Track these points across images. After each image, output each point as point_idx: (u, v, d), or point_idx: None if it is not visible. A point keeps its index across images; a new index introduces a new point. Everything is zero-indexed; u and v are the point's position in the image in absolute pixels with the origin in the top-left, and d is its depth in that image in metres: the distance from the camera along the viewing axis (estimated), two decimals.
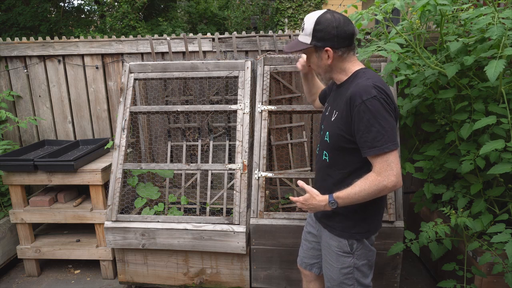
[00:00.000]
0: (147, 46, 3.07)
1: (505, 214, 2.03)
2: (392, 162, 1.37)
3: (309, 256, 1.87)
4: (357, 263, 1.60)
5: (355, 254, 1.59)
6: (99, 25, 8.64)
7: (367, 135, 1.38)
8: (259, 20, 9.25)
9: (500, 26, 1.70)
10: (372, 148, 1.38)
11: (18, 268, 3.02)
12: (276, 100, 3.04)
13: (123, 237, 2.45)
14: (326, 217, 1.64)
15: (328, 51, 1.48)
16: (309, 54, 1.58)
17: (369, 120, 1.37)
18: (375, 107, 1.37)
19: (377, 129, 1.36)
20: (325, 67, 1.54)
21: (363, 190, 1.40)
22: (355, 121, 1.41)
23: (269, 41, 2.97)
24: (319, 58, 1.53)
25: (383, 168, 1.37)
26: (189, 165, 2.54)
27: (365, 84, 1.41)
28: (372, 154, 1.39)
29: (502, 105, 1.92)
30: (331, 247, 1.63)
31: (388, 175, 1.37)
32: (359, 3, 2.53)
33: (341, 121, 1.48)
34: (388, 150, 1.36)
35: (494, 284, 2.09)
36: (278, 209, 2.99)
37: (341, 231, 1.60)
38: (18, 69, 3.25)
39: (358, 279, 1.62)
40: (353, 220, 1.57)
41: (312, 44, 1.49)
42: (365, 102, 1.37)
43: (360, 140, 1.42)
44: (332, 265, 1.64)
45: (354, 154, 1.49)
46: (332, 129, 1.54)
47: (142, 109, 2.69)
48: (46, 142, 3.14)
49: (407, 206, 3.12)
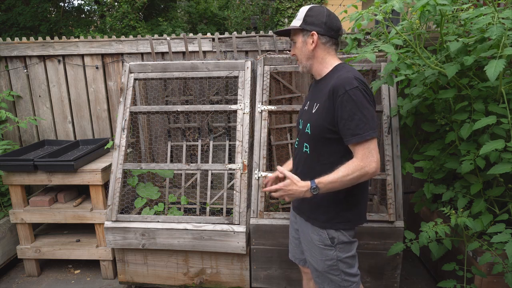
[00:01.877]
0: (147, 46, 3.07)
1: (505, 214, 2.03)
2: (373, 149, 1.45)
3: (299, 252, 1.90)
4: (340, 256, 1.62)
5: (337, 247, 1.62)
6: (99, 25, 8.64)
7: (350, 123, 1.45)
8: (259, 20, 9.25)
9: (500, 26, 1.70)
10: (354, 135, 1.44)
11: (18, 268, 3.02)
12: (276, 100, 3.04)
13: (123, 237, 2.45)
14: (309, 209, 1.66)
15: (314, 35, 1.56)
16: (296, 38, 1.63)
17: (351, 109, 1.44)
18: (357, 96, 1.44)
19: (359, 117, 1.44)
20: (308, 52, 1.60)
21: (345, 175, 1.44)
22: (338, 110, 1.47)
23: (269, 41, 2.97)
24: (304, 43, 1.60)
25: (365, 155, 1.44)
26: (189, 165, 2.54)
27: (347, 76, 1.49)
28: (355, 141, 1.45)
29: (502, 105, 1.92)
30: (314, 241, 1.65)
31: (370, 161, 1.44)
32: (359, 3, 2.53)
33: (323, 112, 1.53)
34: (369, 137, 1.44)
35: (494, 284, 2.09)
36: (278, 209, 2.99)
37: (323, 222, 1.61)
38: (18, 69, 3.25)
39: (343, 270, 1.64)
40: (336, 211, 1.60)
41: (301, 27, 1.57)
42: (348, 92, 1.44)
43: (343, 128, 1.47)
44: (316, 257, 1.66)
45: (335, 144, 1.54)
46: (313, 120, 1.58)
47: (142, 109, 2.69)
48: (46, 142, 3.14)
49: (407, 206, 3.12)
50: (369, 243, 2.24)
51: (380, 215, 2.24)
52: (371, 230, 2.22)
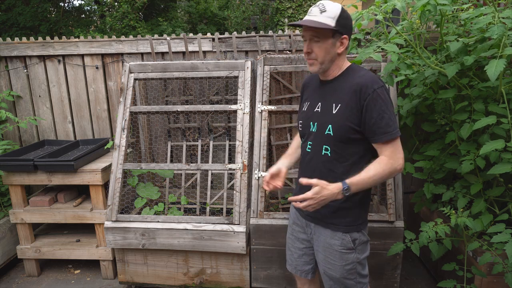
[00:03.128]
0: (147, 46, 3.07)
1: (505, 214, 2.03)
2: (400, 146, 1.50)
3: (302, 263, 1.82)
4: (359, 257, 1.63)
5: (357, 249, 1.62)
6: (99, 25, 8.64)
7: (380, 121, 1.46)
8: (259, 20, 9.25)
9: (500, 25, 1.70)
10: (385, 133, 1.46)
11: (18, 268, 3.02)
12: (276, 100, 3.04)
13: (123, 237, 2.45)
14: (329, 215, 1.61)
15: (346, 39, 1.53)
16: (323, 37, 1.49)
17: (381, 107, 1.45)
18: (385, 95, 1.47)
19: (388, 115, 1.46)
20: (334, 55, 1.54)
21: (377, 174, 1.45)
22: (367, 110, 1.47)
23: (269, 41, 2.97)
24: (332, 45, 1.51)
25: (393, 152, 1.47)
26: (189, 165, 2.54)
27: (371, 76, 1.51)
28: (385, 139, 1.46)
29: (502, 105, 1.92)
30: (333, 247, 1.62)
31: (398, 158, 1.48)
32: (359, 3, 2.52)
33: (348, 112, 1.51)
34: (398, 135, 1.48)
35: (494, 284, 2.09)
36: (278, 209, 2.99)
37: (347, 226, 1.60)
38: (18, 69, 3.25)
39: (359, 272, 1.64)
40: (355, 212, 1.60)
41: (336, 28, 1.47)
42: (376, 90, 1.46)
43: (372, 128, 1.47)
44: (335, 264, 1.64)
45: (357, 144, 1.54)
46: (336, 122, 1.53)
47: (142, 109, 2.69)
48: (46, 142, 3.14)
49: (407, 206, 3.12)
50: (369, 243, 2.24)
51: (380, 215, 2.24)
52: (371, 230, 2.22)
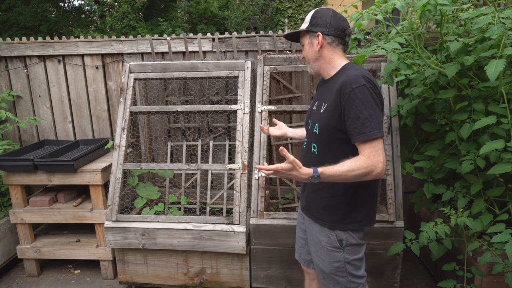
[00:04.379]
0: (147, 46, 3.07)
1: (505, 214, 2.03)
2: (380, 149, 1.43)
3: (304, 253, 1.90)
4: (348, 258, 1.62)
5: (345, 249, 1.61)
6: (99, 25, 8.64)
7: (356, 121, 1.44)
8: (259, 20, 9.25)
9: (500, 25, 1.70)
10: (360, 134, 1.43)
11: (18, 268, 3.02)
12: (276, 100, 3.04)
13: (123, 237, 2.45)
14: (318, 210, 1.65)
15: (319, 35, 1.58)
16: (303, 41, 1.67)
17: (357, 107, 1.43)
18: (363, 95, 1.44)
19: (365, 115, 1.43)
20: (315, 53, 1.62)
21: (350, 171, 1.41)
22: (345, 109, 1.46)
23: (269, 41, 2.97)
24: (310, 44, 1.62)
25: (371, 154, 1.42)
26: (189, 165, 2.54)
27: (354, 74, 1.48)
28: (361, 140, 1.44)
29: (502, 105, 1.92)
30: (321, 243, 1.65)
31: (376, 161, 1.42)
32: (359, 3, 2.53)
33: (331, 111, 1.52)
34: (375, 136, 1.42)
35: (494, 284, 2.09)
36: (278, 209, 2.99)
37: (332, 223, 1.61)
38: (18, 69, 3.25)
39: (350, 271, 1.63)
40: (342, 212, 1.59)
41: (307, 29, 1.61)
42: (355, 89, 1.44)
43: (349, 127, 1.46)
44: (324, 259, 1.66)
45: (343, 144, 1.53)
46: (321, 120, 1.57)
47: (142, 109, 2.69)
48: (46, 142, 3.14)
49: (407, 206, 3.12)
50: (369, 243, 2.24)
51: (380, 215, 2.24)
52: (371, 230, 2.22)
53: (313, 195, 1.68)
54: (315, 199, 1.66)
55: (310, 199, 1.69)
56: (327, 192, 1.61)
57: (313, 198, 1.67)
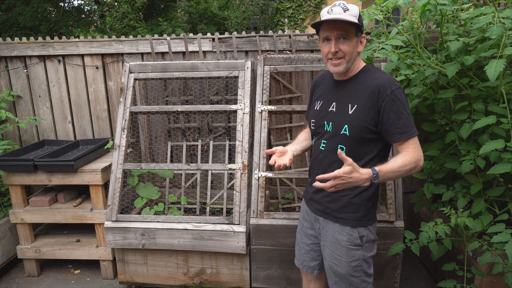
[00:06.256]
0: (147, 46, 3.07)
1: (505, 214, 2.03)
2: (419, 145, 1.54)
3: (309, 259, 1.86)
4: (365, 255, 1.64)
5: (364, 246, 1.64)
6: (99, 25, 8.65)
7: (398, 122, 1.50)
8: (259, 20, 9.26)
9: (500, 25, 1.70)
10: (403, 133, 1.50)
11: (18, 268, 3.02)
12: (276, 100, 3.04)
13: (123, 237, 2.45)
14: (339, 209, 1.63)
15: (364, 38, 1.60)
16: (350, 35, 1.51)
17: (398, 108, 1.49)
18: (402, 96, 1.51)
19: (406, 116, 1.50)
20: (356, 53, 1.60)
21: (403, 166, 1.47)
22: (385, 110, 1.50)
23: (269, 41, 2.97)
24: (357, 42, 1.57)
25: (416, 149, 1.51)
26: (189, 165, 2.54)
27: (388, 77, 1.55)
28: (404, 139, 1.50)
29: (502, 105, 1.92)
30: (341, 242, 1.64)
31: (420, 155, 1.52)
32: (359, 3, 2.52)
33: (364, 113, 1.54)
34: (416, 134, 1.52)
35: (494, 284, 2.09)
36: (278, 209, 2.99)
37: (355, 221, 1.62)
38: (18, 69, 3.25)
39: (365, 270, 1.66)
40: (365, 208, 1.62)
41: (359, 27, 1.53)
42: (394, 91, 1.50)
43: (389, 128, 1.51)
44: (341, 259, 1.65)
45: (372, 144, 1.58)
46: (353, 122, 1.56)
47: (142, 109, 2.69)
48: (46, 142, 3.14)
49: (407, 206, 3.12)
50: None
51: (380, 215, 2.23)
52: None
53: (333, 195, 1.63)
54: (336, 198, 1.63)
55: (329, 199, 1.66)
56: (350, 189, 1.56)
57: (333, 198, 1.64)
